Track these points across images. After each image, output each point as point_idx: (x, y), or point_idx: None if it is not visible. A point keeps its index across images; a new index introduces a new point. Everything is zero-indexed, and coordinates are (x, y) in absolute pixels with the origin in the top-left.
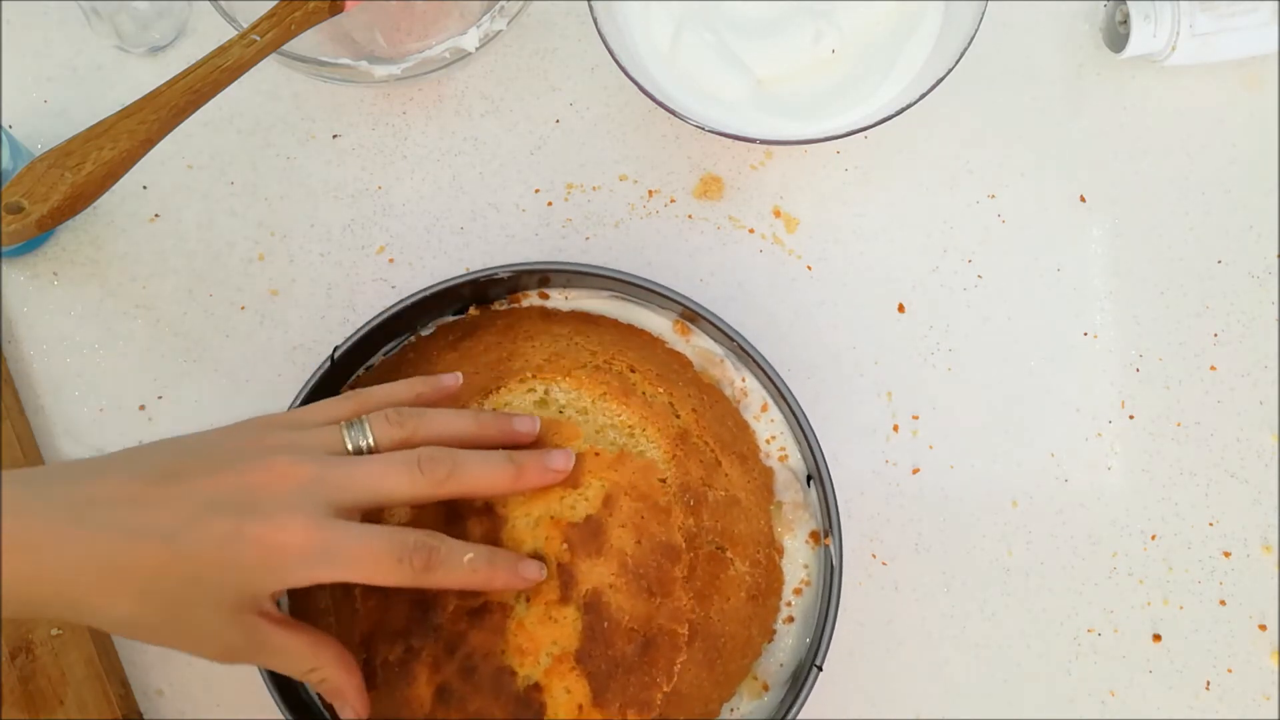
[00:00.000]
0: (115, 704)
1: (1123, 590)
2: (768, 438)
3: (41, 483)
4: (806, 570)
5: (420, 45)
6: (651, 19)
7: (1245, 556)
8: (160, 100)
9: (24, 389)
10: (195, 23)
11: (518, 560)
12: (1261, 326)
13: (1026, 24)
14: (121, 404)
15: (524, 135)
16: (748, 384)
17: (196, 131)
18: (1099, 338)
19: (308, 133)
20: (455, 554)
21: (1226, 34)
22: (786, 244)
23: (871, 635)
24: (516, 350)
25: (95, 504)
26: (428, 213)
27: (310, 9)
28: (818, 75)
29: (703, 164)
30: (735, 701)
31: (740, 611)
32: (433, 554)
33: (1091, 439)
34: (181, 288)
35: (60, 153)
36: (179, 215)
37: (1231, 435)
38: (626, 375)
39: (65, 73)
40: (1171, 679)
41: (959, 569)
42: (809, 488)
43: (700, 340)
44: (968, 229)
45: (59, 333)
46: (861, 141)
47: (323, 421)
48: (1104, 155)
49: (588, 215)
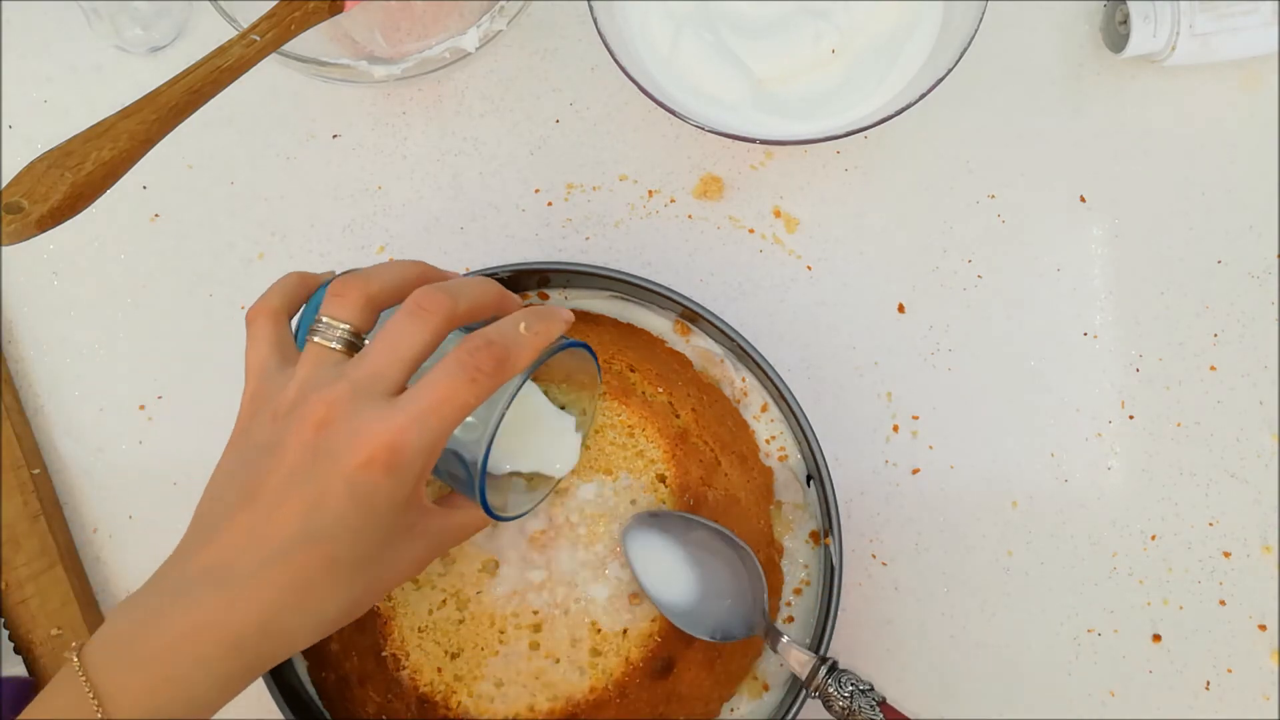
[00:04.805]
0: None
1: (1123, 590)
2: (768, 438)
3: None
4: (806, 570)
5: (420, 45)
6: (651, 19)
7: (1245, 556)
8: (160, 100)
9: (24, 389)
10: (195, 23)
11: (552, 308)
12: (1261, 326)
13: (1026, 24)
14: (121, 404)
15: (524, 135)
16: (748, 384)
17: (196, 131)
18: (1099, 338)
19: (308, 133)
20: (510, 332)
21: (1226, 34)
22: (786, 244)
23: (871, 635)
24: None
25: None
26: (428, 213)
27: (310, 9)
28: (818, 75)
29: (703, 164)
30: (735, 701)
31: None
32: (492, 348)
33: (1091, 439)
34: (181, 288)
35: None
36: (179, 215)
37: (1231, 435)
38: (626, 375)
39: (65, 73)
40: (1171, 679)
41: (959, 569)
42: (809, 488)
43: (700, 340)
44: (968, 229)
45: (59, 333)
46: (861, 141)
47: (293, 360)
48: (1104, 155)
49: (588, 215)
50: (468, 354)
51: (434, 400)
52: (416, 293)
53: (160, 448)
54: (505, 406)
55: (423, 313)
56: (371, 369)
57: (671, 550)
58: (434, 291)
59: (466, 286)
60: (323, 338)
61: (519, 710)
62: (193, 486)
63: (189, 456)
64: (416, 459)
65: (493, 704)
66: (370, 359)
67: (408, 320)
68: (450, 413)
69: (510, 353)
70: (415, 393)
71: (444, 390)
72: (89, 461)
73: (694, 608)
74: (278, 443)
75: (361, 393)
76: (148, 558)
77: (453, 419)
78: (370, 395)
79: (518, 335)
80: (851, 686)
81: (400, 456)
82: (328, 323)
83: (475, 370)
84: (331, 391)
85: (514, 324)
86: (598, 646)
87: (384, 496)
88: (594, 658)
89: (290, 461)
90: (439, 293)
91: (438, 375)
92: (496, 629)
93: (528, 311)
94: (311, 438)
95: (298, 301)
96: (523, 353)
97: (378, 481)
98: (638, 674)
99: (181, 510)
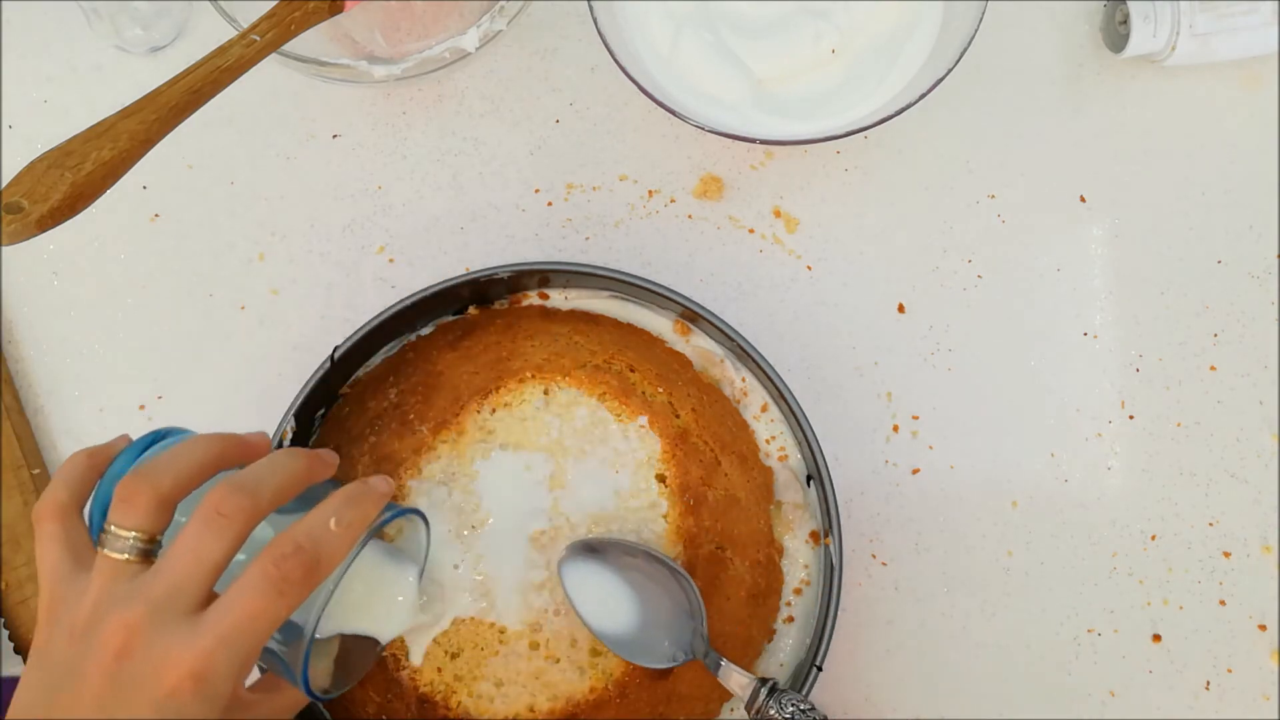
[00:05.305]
0: None
1: (1123, 590)
2: (768, 438)
3: None
4: (806, 570)
5: (420, 45)
6: (651, 19)
7: (1245, 556)
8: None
9: (24, 389)
10: (195, 23)
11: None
12: (1261, 326)
13: (1026, 24)
14: (121, 404)
15: (524, 135)
16: (748, 384)
17: (196, 131)
18: (1099, 338)
19: (308, 133)
20: (319, 532)
21: (1226, 34)
22: (786, 244)
23: (871, 635)
24: (516, 350)
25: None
26: (428, 213)
27: (310, 9)
28: (818, 75)
29: (703, 164)
30: (735, 701)
31: (740, 611)
32: (300, 554)
33: (1091, 439)
34: (181, 288)
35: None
36: (179, 215)
37: (1231, 435)
38: (626, 375)
39: (65, 73)
40: (1171, 679)
41: (959, 569)
42: (809, 488)
43: (700, 340)
44: (968, 229)
45: (59, 333)
46: (861, 141)
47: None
48: (1104, 155)
49: (588, 215)
50: (273, 564)
51: (240, 618)
52: (212, 495)
53: None
54: (322, 607)
55: (221, 520)
56: (169, 586)
57: (609, 579)
58: (231, 493)
59: (268, 474)
60: (112, 549)
61: (519, 710)
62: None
63: None
64: (226, 681)
65: (493, 704)
66: (167, 574)
67: (205, 529)
68: (260, 629)
69: (321, 555)
70: (219, 611)
71: (251, 607)
72: None
73: (635, 636)
74: (77, 669)
75: (161, 613)
76: None
77: (263, 634)
78: (171, 615)
79: (327, 535)
80: (793, 708)
81: (208, 683)
82: (116, 532)
83: (282, 582)
84: (129, 613)
85: (323, 521)
86: (597, 646)
87: (191, 709)
88: (594, 658)
89: (93, 691)
90: (237, 494)
91: (243, 590)
92: (496, 629)
93: (338, 499)
94: (113, 665)
95: (87, 487)
96: (336, 551)
97: (187, 706)
98: (638, 674)
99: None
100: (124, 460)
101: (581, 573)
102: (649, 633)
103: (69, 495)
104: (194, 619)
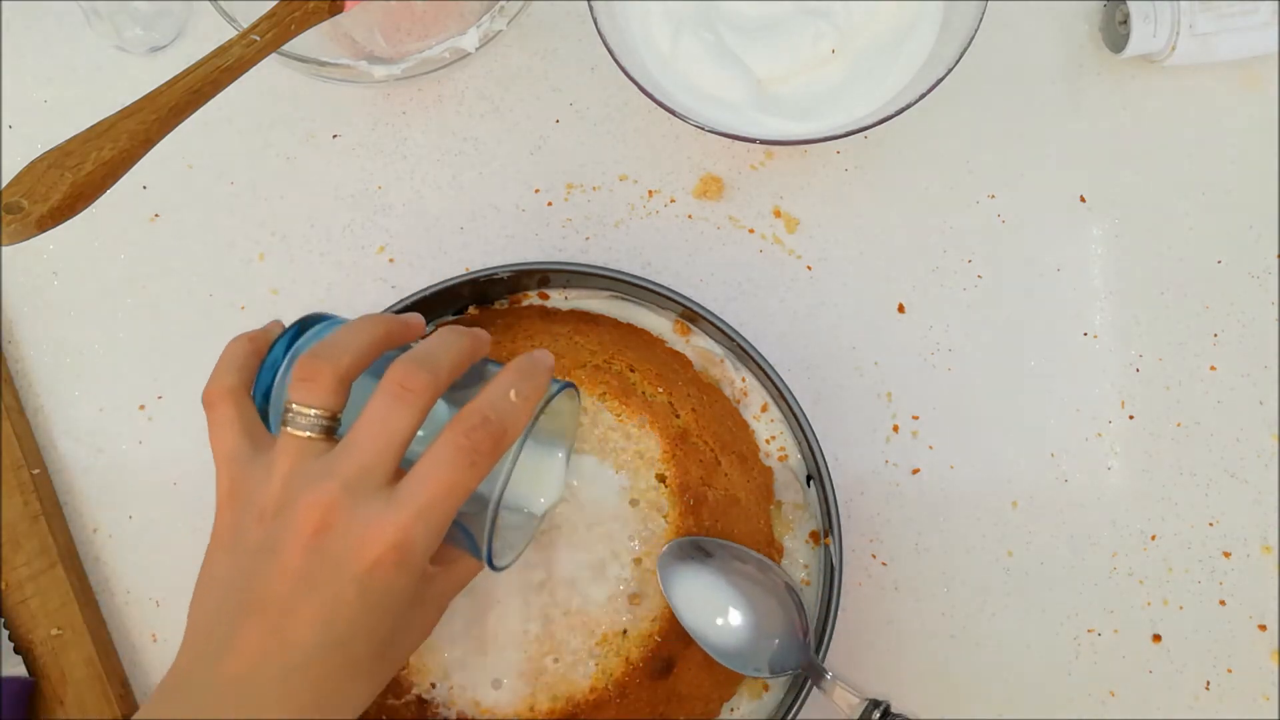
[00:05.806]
0: (115, 704)
1: (1123, 590)
2: (768, 438)
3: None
4: (806, 570)
5: (420, 45)
6: (651, 19)
7: (1245, 556)
8: (160, 100)
9: (24, 389)
10: (195, 23)
11: (534, 360)
12: (1261, 326)
13: (1026, 24)
14: (121, 404)
15: (524, 135)
16: (748, 384)
17: (196, 131)
18: (1099, 338)
19: (308, 133)
20: (502, 404)
21: (1226, 34)
22: (786, 244)
23: (871, 635)
24: (516, 350)
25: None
26: (428, 213)
27: (310, 9)
28: (818, 75)
29: (703, 164)
30: (735, 701)
31: None
32: (488, 425)
33: (1091, 439)
34: (181, 288)
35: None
36: (179, 215)
37: (1231, 435)
38: (626, 375)
39: (65, 73)
40: (1171, 679)
41: (959, 569)
42: (809, 488)
43: (700, 340)
44: (968, 229)
45: (59, 333)
46: (861, 141)
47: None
48: (1104, 155)
49: (588, 215)
50: (464, 436)
51: (437, 491)
52: (395, 370)
53: (160, 448)
54: (506, 477)
55: (408, 395)
56: (361, 462)
57: (715, 582)
58: (414, 369)
59: (441, 350)
60: (297, 427)
61: (519, 710)
62: (192, 486)
63: (189, 456)
64: (425, 551)
65: (493, 704)
66: (358, 451)
67: (393, 404)
68: (454, 500)
69: (506, 426)
70: (415, 484)
71: (446, 478)
72: (89, 461)
73: (737, 643)
74: (274, 547)
75: (356, 488)
76: (148, 558)
77: (456, 506)
78: (365, 490)
79: (509, 406)
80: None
81: (409, 553)
82: (300, 410)
83: (474, 453)
84: (323, 492)
85: (503, 393)
86: (597, 647)
87: (398, 592)
88: (594, 658)
89: (294, 568)
90: (420, 370)
91: (437, 462)
92: (496, 629)
93: (512, 371)
94: (312, 541)
95: (252, 372)
96: (518, 422)
97: (390, 579)
98: (638, 674)
99: (181, 510)
100: (280, 347)
101: (686, 573)
102: (753, 641)
103: (238, 378)
104: (389, 492)
